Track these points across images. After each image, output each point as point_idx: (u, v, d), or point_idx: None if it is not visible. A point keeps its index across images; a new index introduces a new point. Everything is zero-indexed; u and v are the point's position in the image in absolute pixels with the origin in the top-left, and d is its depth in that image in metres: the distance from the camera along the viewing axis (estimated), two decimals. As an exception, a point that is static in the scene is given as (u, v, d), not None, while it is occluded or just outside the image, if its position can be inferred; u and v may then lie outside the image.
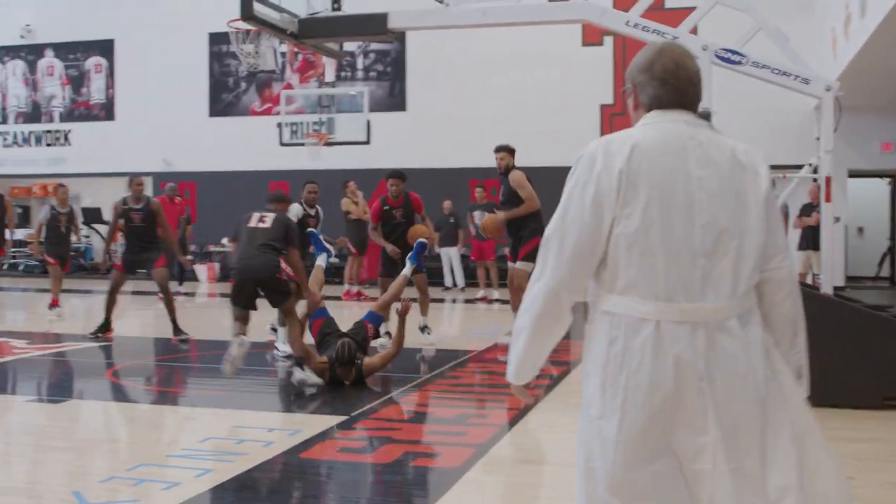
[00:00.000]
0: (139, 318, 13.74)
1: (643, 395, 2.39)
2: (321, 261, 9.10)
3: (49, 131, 23.38)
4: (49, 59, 23.49)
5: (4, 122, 23.88)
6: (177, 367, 9.39)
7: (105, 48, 22.93)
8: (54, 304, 12.73)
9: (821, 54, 15.62)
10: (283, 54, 21.38)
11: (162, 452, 5.77)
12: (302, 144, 17.65)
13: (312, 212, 9.99)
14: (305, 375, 7.61)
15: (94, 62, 23.05)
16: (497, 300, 15.64)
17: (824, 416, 2.99)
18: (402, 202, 9.95)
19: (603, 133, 19.52)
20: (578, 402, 2.55)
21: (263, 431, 6.12)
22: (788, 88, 8.54)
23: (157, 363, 9.68)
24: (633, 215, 2.41)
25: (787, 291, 2.54)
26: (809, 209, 14.25)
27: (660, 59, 2.55)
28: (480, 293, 16.35)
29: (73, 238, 13.40)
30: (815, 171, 14.29)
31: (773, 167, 4.13)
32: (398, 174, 10.00)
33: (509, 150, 9.94)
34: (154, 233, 10.80)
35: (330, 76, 16.92)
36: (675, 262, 2.41)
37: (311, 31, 9.65)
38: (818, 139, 8.93)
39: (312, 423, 6.39)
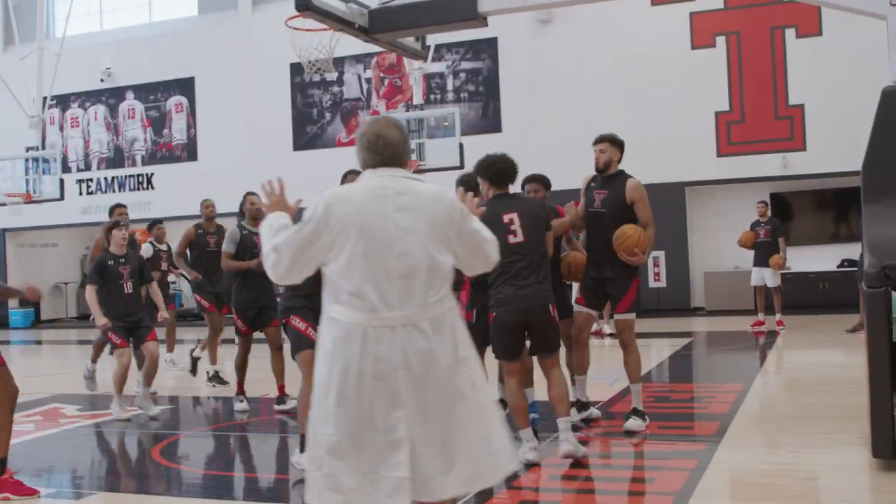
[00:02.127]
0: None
1: (354, 379, 3.25)
2: None
3: (132, 175, 22.70)
4: (130, 102, 22.87)
5: (88, 168, 23.30)
6: (238, 435, 8.07)
7: (185, 87, 22.19)
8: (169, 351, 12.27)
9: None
10: (368, 80, 20.28)
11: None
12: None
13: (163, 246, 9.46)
14: None
15: (174, 101, 22.33)
16: (611, 335, 14.01)
17: None
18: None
19: (719, 143, 17.85)
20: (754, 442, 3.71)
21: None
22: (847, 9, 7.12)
23: (216, 432, 8.26)
24: (345, 249, 3.31)
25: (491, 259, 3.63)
26: None
27: (367, 131, 3.48)
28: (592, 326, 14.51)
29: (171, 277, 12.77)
30: None
31: None
32: (538, 178, 7.17)
33: (614, 142, 7.16)
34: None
35: (418, 99, 15.67)
36: (376, 282, 3.28)
37: (384, 24, 7.93)
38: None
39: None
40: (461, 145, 15.19)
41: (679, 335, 14.26)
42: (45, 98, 20.75)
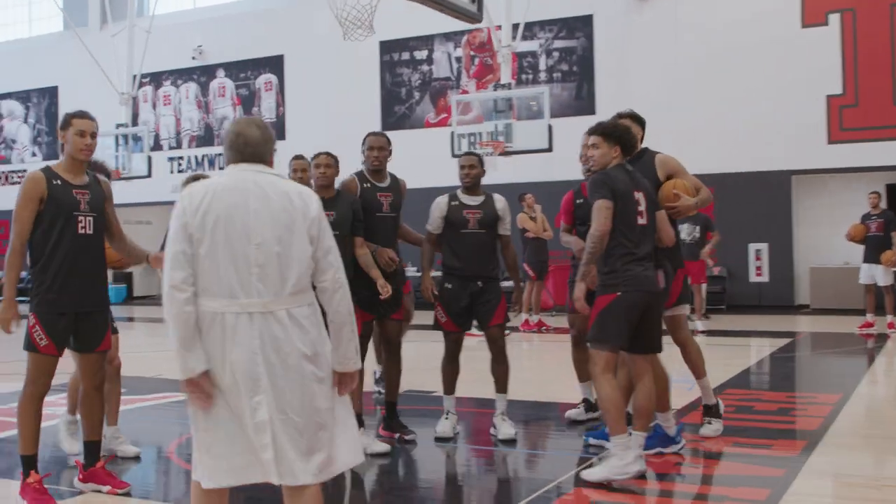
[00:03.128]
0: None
1: (218, 365, 3.41)
2: None
3: (221, 154, 22.59)
4: (220, 80, 22.74)
5: (178, 146, 23.31)
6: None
7: (275, 65, 21.93)
8: None
9: None
10: (459, 59, 19.62)
11: None
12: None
13: None
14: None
15: (264, 80, 22.10)
16: (703, 332, 13.11)
17: None
18: None
19: (830, 129, 16.64)
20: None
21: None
22: None
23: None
24: (204, 239, 3.44)
25: (339, 296, 3.56)
26: None
27: (229, 130, 3.66)
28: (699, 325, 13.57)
29: None
30: None
31: None
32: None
33: (634, 118, 6.17)
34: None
35: (506, 78, 14.95)
36: (235, 270, 3.43)
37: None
38: None
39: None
40: (550, 127, 14.47)
41: (780, 335, 13.24)
42: (135, 76, 20.81)
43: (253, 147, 3.59)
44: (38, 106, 25.53)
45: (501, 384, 6.54)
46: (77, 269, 5.04)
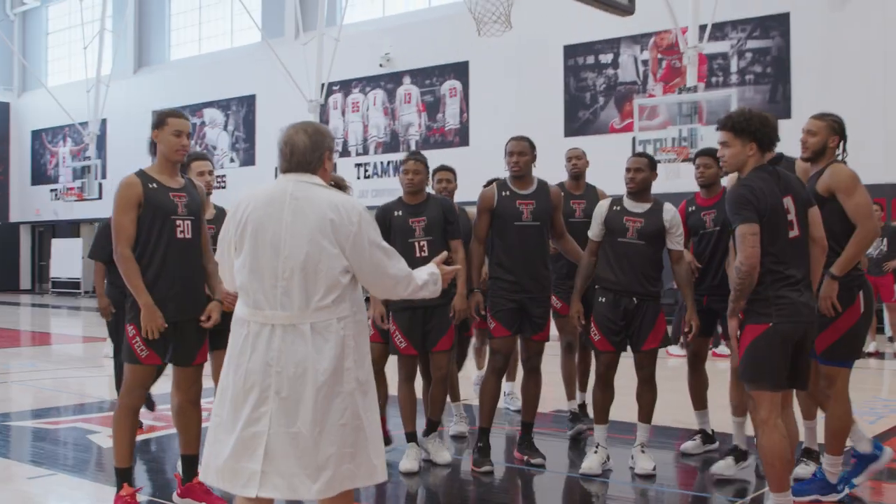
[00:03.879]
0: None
1: (234, 370, 3.48)
2: None
3: (406, 160, 22.90)
4: (406, 87, 23.07)
5: (365, 152, 23.81)
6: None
7: (460, 71, 22.03)
8: None
9: None
10: (645, 62, 19.07)
11: None
12: (658, 161, 15.11)
13: None
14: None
15: (448, 86, 22.25)
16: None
17: None
18: None
19: None
20: None
21: None
22: None
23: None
24: (241, 248, 3.53)
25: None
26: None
27: (281, 137, 3.60)
28: (871, 346, 12.20)
29: None
30: None
31: None
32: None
33: (833, 121, 5.22)
34: None
35: (692, 81, 14.36)
36: (260, 281, 3.46)
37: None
38: None
39: None
40: (739, 133, 13.75)
41: None
42: (323, 84, 21.41)
43: (299, 156, 3.53)
44: (236, 114, 26.73)
45: (645, 412, 5.95)
46: (177, 275, 4.83)
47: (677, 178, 14.99)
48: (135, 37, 29.94)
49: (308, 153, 3.54)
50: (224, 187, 24.76)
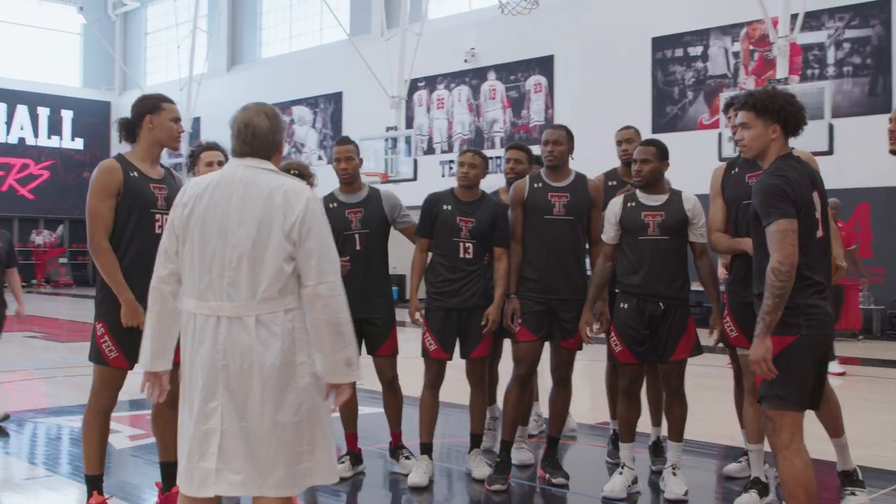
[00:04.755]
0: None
1: (187, 366, 3.34)
2: None
3: (490, 158, 22.48)
4: (491, 82, 22.66)
5: (450, 149, 23.51)
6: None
7: (545, 65, 21.51)
8: None
9: None
10: (736, 55, 18.22)
11: None
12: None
13: None
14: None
15: (534, 81, 21.75)
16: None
17: None
18: None
19: None
20: None
21: None
22: None
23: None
24: (186, 237, 3.35)
25: (320, 305, 3.26)
26: None
27: (238, 117, 3.43)
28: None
29: None
30: None
31: None
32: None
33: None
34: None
35: (782, 73, 13.59)
36: (208, 271, 3.30)
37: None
38: None
39: None
40: (831, 127, 12.95)
41: None
42: (406, 80, 21.21)
43: (262, 138, 3.39)
44: (324, 111, 26.78)
45: (675, 430, 5.36)
46: (151, 273, 4.60)
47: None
48: (228, 35, 30.34)
49: (270, 136, 3.42)
50: (313, 185, 24.80)
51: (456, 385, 6.34)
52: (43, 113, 33.40)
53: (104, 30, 32.56)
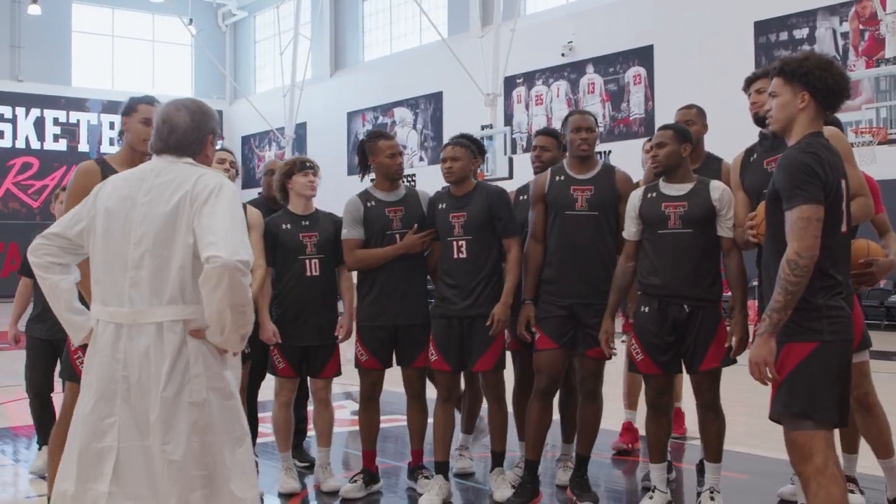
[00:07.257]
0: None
1: (86, 376, 3.07)
2: None
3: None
4: (590, 76, 22.07)
5: (550, 146, 23.00)
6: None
7: (644, 56, 20.80)
8: None
9: None
10: (845, 35, 17.17)
11: None
12: (852, 145, 13.42)
13: None
14: None
15: (633, 73, 21.06)
16: None
17: None
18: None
19: None
20: None
21: None
22: None
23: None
24: (92, 236, 3.11)
25: (211, 284, 2.87)
26: None
27: (157, 112, 3.18)
28: None
29: None
30: None
31: None
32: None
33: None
34: None
35: (891, 52, 12.66)
36: (110, 273, 3.03)
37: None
38: None
39: None
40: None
41: None
42: (501, 77, 20.86)
43: (179, 136, 3.13)
44: (425, 112, 26.65)
45: (711, 450, 4.75)
46: None
47: (873, 163, 13.28)
48: (331, 40, 30.56)
49: (189, 133, 3.15)
50: (414, 186, 24.72)
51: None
52: (158, 124, 34.38)
53: (215, 40, 33.31)
